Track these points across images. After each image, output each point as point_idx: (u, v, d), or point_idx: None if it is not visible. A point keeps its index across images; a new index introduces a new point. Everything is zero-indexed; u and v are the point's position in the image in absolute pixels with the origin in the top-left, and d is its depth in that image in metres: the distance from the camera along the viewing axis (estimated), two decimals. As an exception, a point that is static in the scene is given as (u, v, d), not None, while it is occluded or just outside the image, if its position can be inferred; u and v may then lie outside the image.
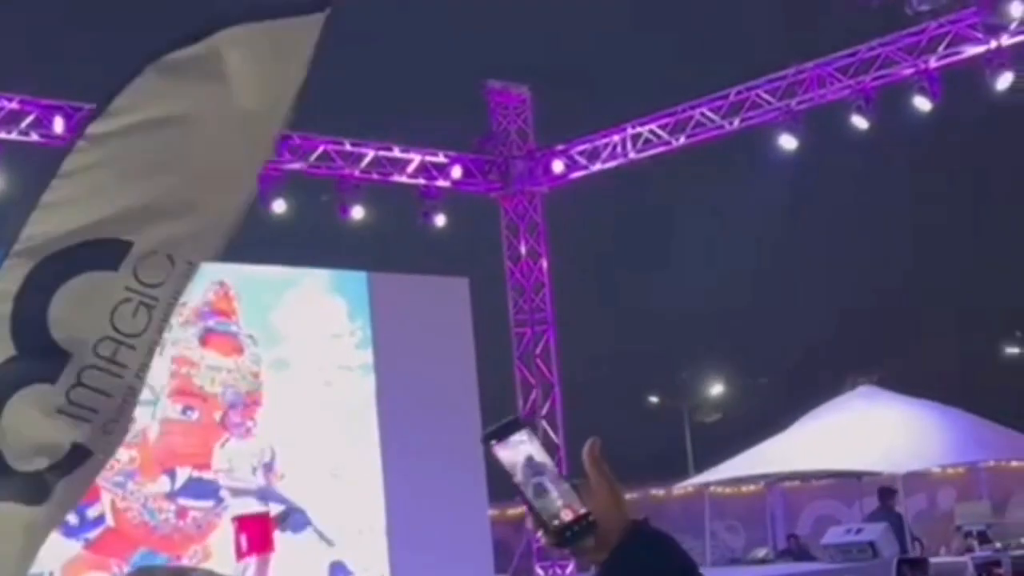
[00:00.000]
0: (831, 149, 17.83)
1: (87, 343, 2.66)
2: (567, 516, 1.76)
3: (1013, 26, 12.89)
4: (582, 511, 1.77)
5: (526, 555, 16.90)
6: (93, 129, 2.64)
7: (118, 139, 2.64)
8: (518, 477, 1.77)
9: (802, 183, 27.49)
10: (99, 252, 2.63)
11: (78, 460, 2.67)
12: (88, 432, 2.67)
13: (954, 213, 35.79)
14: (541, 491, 1.77)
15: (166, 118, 2.65)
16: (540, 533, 1.78)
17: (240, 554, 10.46)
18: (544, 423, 17.05)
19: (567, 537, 1.77)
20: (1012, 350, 34.43)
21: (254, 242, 16.20)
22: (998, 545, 13.93)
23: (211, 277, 13.80)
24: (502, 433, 1.79)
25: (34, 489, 2.64)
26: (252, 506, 13.05)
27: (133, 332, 2.72)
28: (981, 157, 33.79)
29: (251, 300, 14.22)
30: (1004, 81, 13.18)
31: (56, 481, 2.64)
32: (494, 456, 1.79)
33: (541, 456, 1.79)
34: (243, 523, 10.83)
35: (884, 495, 15.46)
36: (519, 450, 1.79)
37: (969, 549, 14.14)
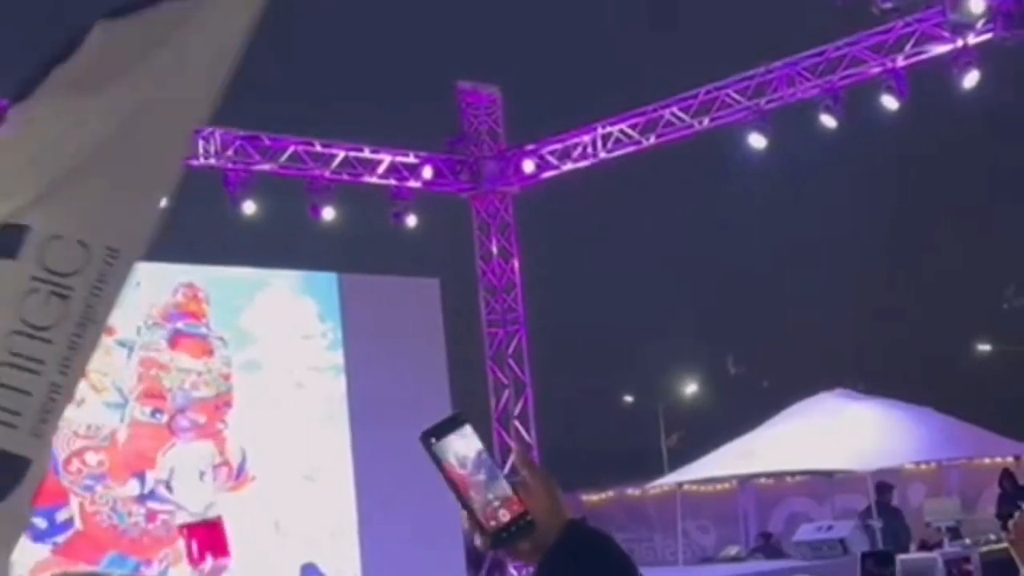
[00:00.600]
0: (803, 147, 17.91)
1: None
2: (505, 516, 1.74)
3: (980, 24, 12.97)
4: (520, 510, 1.75)
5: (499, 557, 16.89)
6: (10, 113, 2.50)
7: (30, 120, 2.50)
8: (467, 468, 1.75)
9: (775, 181, 27.60)
10: None
11: (17, 471, 2.51)
12: (16, 438, 2.50)
13: (927, 212, 36.01)
14: (493, 480, 1.75)
15: (77, 92, 2.50)
16: (476, 535, 1.76)
17: (193, 561, 10.31)
18: (517, 423, 17.05)
19: (503, 538, 1.75)
20: (983, 347, 34.66)
21: (224, 243, 16.17)
22: (967, 541, 14.01)
23: (180, 279, 13.74)
24: (444, 430, 1.76)
25: None
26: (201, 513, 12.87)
27: (44, 324, 2.54)
28: (956, 155, 34.03)
29: (221, 302, 14.14)
30: (971, 80, 13.26)
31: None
32: (435, 453, 1.75)
33: (486, 452, 1.77)
34: (192, 531, 10.65)
35: (881, 490, 15.57)
36: (471, 443, 1.77)
37: (938, 545, 14.22)
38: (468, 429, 1.77)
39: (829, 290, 36.51)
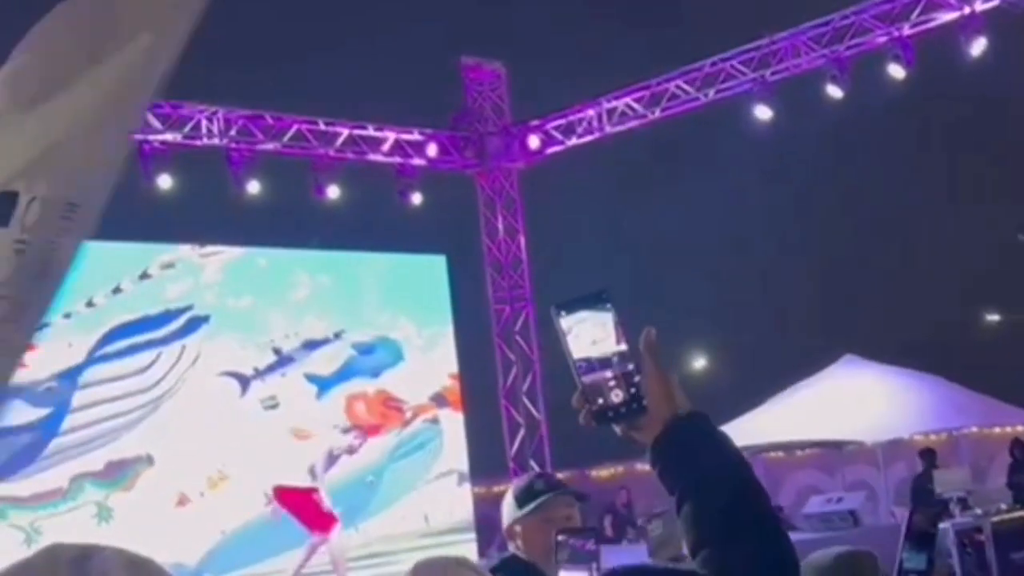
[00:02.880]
0: (807, 118, 17.79)
1: None
2: (617, 397, 1.72)
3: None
4: (635, 394, 1.73)
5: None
6: None
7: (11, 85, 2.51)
8: (590, 344, 1.71)
9: (780, 151, 27.47)
10: None
11: None
12: None
13: (933, 178, 35.88)
14: (615, 359, 1.72)
15: (61, 55, 2.53)
16: (582, 411, 1.73)
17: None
18: (526, 400, 17.03)
19: (608, 417, 1.74)
20: (992, 317, 34.56)
21: (230, 223, 16.11)
22: (978, 511, 13.97)
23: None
24: (578, 305, 1.73)
25: None
26: None
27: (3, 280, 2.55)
28: (957, 125, 33.87)
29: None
30: (978, 47, 13.14)
31: None
32: (560, 325, 1.72)
33: (621, 332, 1.73)
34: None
35: (925, 456, 15.74)
36: (602, 319, 1.73)
37: (949, 515, 14.20)
38: (607, 307, 1.75)
39: (836, 258, 36.43)
